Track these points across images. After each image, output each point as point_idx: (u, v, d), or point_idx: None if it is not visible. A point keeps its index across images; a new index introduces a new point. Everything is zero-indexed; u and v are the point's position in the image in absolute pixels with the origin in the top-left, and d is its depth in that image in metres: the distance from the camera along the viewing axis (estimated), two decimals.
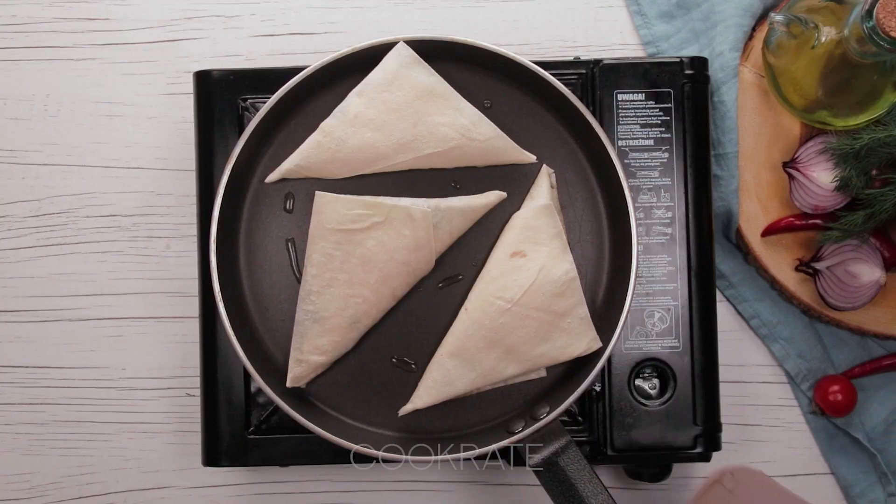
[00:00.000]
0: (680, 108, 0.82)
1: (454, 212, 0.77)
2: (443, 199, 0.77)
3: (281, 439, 0.80)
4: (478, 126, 0.78)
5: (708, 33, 0.88)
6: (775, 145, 0.87)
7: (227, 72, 0.82)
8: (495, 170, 0.79)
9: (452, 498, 0.89)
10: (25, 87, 0.91)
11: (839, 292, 0.83)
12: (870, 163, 0.82)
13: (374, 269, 0.76)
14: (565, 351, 0.76)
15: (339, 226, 0.76)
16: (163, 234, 0.90)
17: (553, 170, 0.79)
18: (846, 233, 0.83)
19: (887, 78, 0.79)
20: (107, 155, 0.91)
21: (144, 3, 0.92)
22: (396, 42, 0.78)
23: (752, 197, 0.87)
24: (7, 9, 0.92)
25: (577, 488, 0.72)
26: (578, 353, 0.76)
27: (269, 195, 0.80)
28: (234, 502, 0.89)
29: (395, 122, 0.77)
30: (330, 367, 0.78)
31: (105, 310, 0.90)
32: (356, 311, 0.76)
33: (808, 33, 0.77)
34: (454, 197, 0.78)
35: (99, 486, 0.89)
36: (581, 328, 0.76)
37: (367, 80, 0.78)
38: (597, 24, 0.91)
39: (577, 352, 0.76)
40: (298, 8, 0.92)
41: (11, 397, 0.90)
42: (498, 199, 0.79)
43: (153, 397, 0.89)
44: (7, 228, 0.90)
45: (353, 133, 0.77)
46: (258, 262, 0.80)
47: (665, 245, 0.81)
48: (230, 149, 0.78)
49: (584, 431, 0.80)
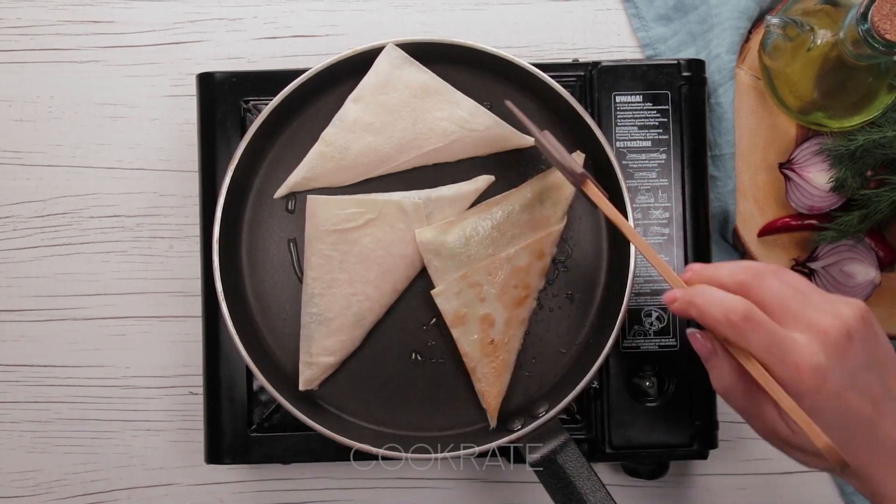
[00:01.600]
0: (677, 109, 0.82)
1: (445, 200, 0.78)
2: (433, 190, 0.78)
3: (283, 437, 0.80)
4: (476, 116, 0.78)
5: (705, 36, 0.88)
6: (771, 146, 0.87)
7: (229, 74, 0.82)
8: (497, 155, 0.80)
9: (452, 495, 0.89)
10: (30, 88, 0.92)
11: (835, 292, 0.83)
12: (865, 164, 0.82)
13: (373, 265, 0.76)
14: None
15: (333, 226, 0.76)
16: (166, 234, 0.91)
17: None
18: (842, 233, 0.83)
19: (882, 80, 0.79)
20: (110, 156, 0.91)
21: (148, 7, 0.92)
22: (396, 44, 0.78)
23: (749, 197, 0.87)
24: (12, 11, 0.92)
25: (576, 485, 0.73)
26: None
27: (270, 196, 0.80)
28: (237, 499, 0.89)
29: (394, 122, 0.78)
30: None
31: (109, 309, 0.90)
32: (360, 308, 0.77)
33: (803, 36, 0.77)
34: (443, 186, 0.79)
35: (103, 484, 0.90)
36: None
37: (362, 84, 0.78)
38: (595, 26, 0.91)
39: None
40: (300, 11, 0.92)
41: (16, 395, 0.90)
42: (486, 183, 0.79)
43: (156, 395, 0.90)
44: (12, 229, 0.91)
45: (354, 139, 0.78)
46: (260, 262, 0.80)
47: (663, 245, 0.82)
48: (233, 150, 0.78)
49: (583, 429, 0.80)
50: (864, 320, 0.61)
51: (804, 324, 0.60)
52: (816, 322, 0.60)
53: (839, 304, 0.61)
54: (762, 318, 0.60)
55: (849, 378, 0.59)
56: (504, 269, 0.76)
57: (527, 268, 0.77)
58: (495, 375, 0.77)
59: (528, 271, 0.77)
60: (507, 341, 0.77)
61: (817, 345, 0.59)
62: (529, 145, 0.80)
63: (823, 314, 0.60)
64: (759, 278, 0.62)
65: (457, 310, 0.76)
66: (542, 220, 0.78)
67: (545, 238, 0.78)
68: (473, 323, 0.76)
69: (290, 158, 0.80)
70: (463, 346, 0.77)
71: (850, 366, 0.60)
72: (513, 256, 0.77)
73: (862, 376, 0.60)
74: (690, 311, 0.62)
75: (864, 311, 0.62)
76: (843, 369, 0.59)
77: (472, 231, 0.77)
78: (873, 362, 0.61)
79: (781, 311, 0.61)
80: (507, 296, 0.76)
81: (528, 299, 0.78)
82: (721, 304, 0.60)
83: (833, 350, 0.59)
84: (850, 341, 0.60)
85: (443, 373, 0.79)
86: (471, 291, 0.76)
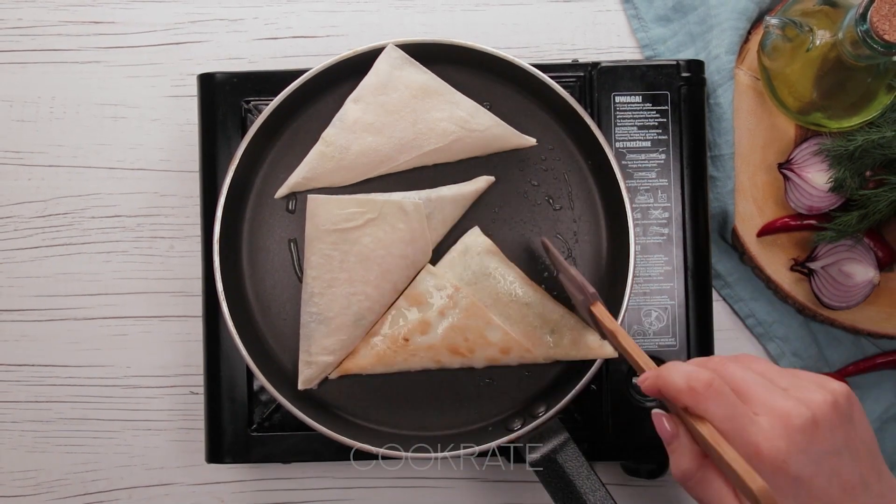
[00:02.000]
0: (676, 110, 0.82)
1: (445, 200, 0.78)
2: (433, 190, 0.78)
3: (283, 437, 0.81)
4: (476, 117, 0.78)
5: (704, 36, 0.88)
6: (770, 147, 0.87)
7: (230, 74, 0.83)
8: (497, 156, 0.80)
9: (452, 494, 0.89)
10: (31, 89, 0.92)
11: (833, 292, 0.84)
12: (864, 164, 0.82)
13: (372, 265, 0.76)
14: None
15: (334, 226, 0.76)
16: (167, 234, 0.91)
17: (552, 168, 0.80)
18: (840, 233, 0.83)
19: (881, 80, 0.79)
20: (111, 156, 0.91)
21: (149, 7, 0.92)
22: (396, 45, 0.78)
23: (748, 198, 0.87)
24: (13, 12, 0.92)
25: (576, 485, 0.73)
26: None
27: (271, 196, 0.81)
28: (237, 499, 0.89)
29: (394, 123, 0.78)
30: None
31: (110, 309, 0.90)
32: (359, 308, 0.77)
33: (802, 36, 0.78)
34: (444, 186, 0.79)
35: (104, 483, 0.90)
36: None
37: (362, 85, 0.78)
38: (595, 27, 0.92)
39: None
40: (300, 11, 0.92)
41: (17, 395, 0.90)
42: (486, 183, 0.80)
43: (157, 395, 0.90)
44: (14, 229, 0.91)
45: (354, 139, 0.78)
46: (260, 262, 0.80)
47: (662, 245, 0.82)
48: (233, 150, 0.79)
49: (582, 429, 0.80)
50: (835, 406, 0.58)
51: (767, 408, 0.58)
52: (779, 406, 0.57)
53: (810, 389, 0.59)
54: (726, 390, 0.58)
55: (813, 465, 0.57)
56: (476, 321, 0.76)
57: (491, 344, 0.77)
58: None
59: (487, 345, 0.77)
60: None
61: (779, 429, 0.57)
62: (530, 145, 0.80)
63: (788, 399, 0.58)
64: (723, 365, 0.61)
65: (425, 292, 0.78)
66: (536, 339, 0.77)
67: (527, 354, 0.77)
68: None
69: (291, 158, 0.80)
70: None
71: (816, 451, 0.57)
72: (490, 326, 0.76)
73: (829, 462, 0.57)
74: (658, 385, 0.60)
75: (840, 395, 0.59)
76: (807, 455, 0.57)
77: (495, 272, 0.78)
78: (844, 449, 0.58)
79: (745, 396, 0.59)
80: (451, 339, 0.77)
81: (464, 358, 0.78)
82: (686, 373, 0.59)
83: (797, 435, 0.56)
84: (816, 427, 0.57)
85: (443, 372, 0.79)
86: (448, 298, 0.77)
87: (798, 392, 0.59)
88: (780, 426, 0.57)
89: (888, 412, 0.88)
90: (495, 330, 0.76)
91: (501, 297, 0.77)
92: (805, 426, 0.57)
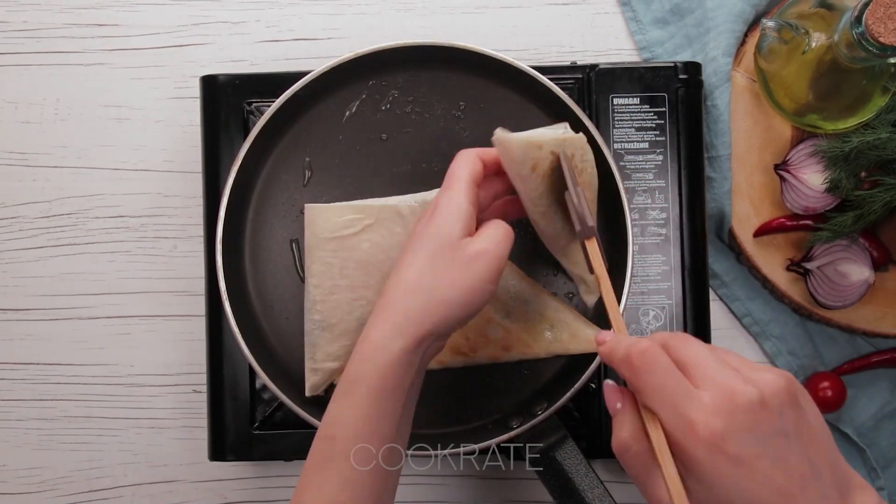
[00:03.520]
0: (674, 111, 0.82)
1: None
2: (428, 193, 0.78)
3: (285, 434, 0.81)
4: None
5: (701, 39, 0.88)
6: (767, 148, 0.87)
7: (232, 76, 0.83)
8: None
9: (451, 491, 0.89)
10: (36, 91, 0.92)
11: (829, 291, 0.84)
12: (859, 165, 0.83)
13: (373, 270, 0.76)
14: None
15: (332, 234, 0.76)
16: (170, 234, 0.91)
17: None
18: (836, 233, 0.83)
19: (876, 82, 0.79)
20: (115, 157, 0.92)
21: (152, 10, 0.92)
22: (397, 47, 0.78)
23: (745, 198, 0.87)
24: (18, 15, 0.93)
25: (574, 482, 0.73)
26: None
27: (273, 197, 0.81)
28: (240, 496, 0.90)
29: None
30: None
31: (113, 308, 0.91)
32: (362, 313, 0.76)
33: (798, 39, 0.78)
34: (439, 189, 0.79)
35: (108, 480, 0.90)
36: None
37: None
38: (593, 29, 0.92)
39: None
40: (302, 14, 0.92)
41: (22, 393, 0.91)
42: None
43: (161, 394, 0.90)
44: (18, 229, 0.92)
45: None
46: (263, 262, 0.81)
47: (660, 245, 0.82)
48: (236, 151, 0.79)
49: (581, 427, 0.81)
50: (788, 391, 0.53)
51: (714, 384, 0.52)
52: (727, 384, 0.52)
53: (763, 372, 0.54)
54: (663, 361, 0.53)
55: (757, 445, 0.51)
56: (476, 320, 0.76)
57: (492, 342, 0.78)
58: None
59: (488, 343, 0.78)
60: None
61: (722, 405, 0.51)
62: None
63: (737, 378, 0.53)
64: (681, 339, 0.56)
65: None
66: (536, 335, 0.78)
67: (527, 350, 0.78)
68: None
69: (293, 160, 0.81)
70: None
71: (761, 432, 0.51)
72: (491, 324, 0.77)
73: (775, 444, 0.51)
74: (603, 353, 0.57)
75: (794, 383, 0.54)
76: (750, 435, 0.51)
77: (510, 277, 0.78)
78: (793, 433, 0.52)
79: (694, 371, 0.53)
80: (453, 339, 0.77)
81: (466, 357, 0.79)
82: (628, 342, 0.55)
83: (741, 413, 0.51)
84: (763, 407, 0.52)
85: (443, 372, 0.79)
86: None
87: (748, 372, 0.54)
88: (724, 403, 0.51)
89: (883, 410, 0.88)
90: (496, 328, 0.77)
91: (500, 295, 0.78)
92: (751, 405, 0.52)
